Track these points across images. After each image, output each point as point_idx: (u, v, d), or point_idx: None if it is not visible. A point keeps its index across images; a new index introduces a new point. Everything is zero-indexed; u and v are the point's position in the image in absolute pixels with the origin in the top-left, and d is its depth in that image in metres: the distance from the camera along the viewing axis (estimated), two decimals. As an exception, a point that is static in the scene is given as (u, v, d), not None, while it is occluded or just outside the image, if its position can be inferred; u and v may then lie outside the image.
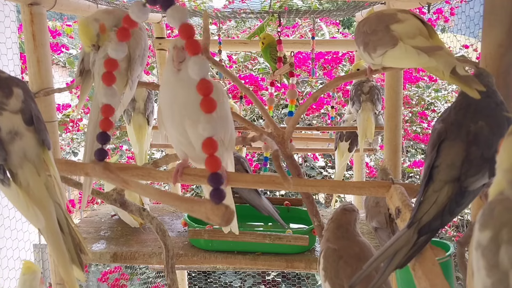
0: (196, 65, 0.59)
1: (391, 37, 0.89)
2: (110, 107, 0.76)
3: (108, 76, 0.74)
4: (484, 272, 0.48)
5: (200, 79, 0.59)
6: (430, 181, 0.76)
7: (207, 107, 0.59)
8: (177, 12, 0.58)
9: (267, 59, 2.30)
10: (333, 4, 2.24)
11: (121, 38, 0.72)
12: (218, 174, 0.59)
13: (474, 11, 2.20)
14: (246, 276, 3.85)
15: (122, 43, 0.73)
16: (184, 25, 0.58)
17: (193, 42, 0.58)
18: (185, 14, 0.58)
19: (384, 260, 0.74)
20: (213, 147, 0.60)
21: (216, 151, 0.60)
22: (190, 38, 0.58)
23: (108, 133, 0.76)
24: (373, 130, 2.09)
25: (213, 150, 0.60)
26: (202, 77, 0.59)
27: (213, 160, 0.60)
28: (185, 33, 0.58)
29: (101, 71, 1.05)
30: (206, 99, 0.59)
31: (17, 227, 2.08)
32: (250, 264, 1.61)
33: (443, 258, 1.07)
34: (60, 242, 0.84)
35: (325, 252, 1.04)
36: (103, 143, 0.76)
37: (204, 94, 0.59)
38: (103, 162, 0.78)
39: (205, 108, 0.59)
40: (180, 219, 1.91)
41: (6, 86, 0.84)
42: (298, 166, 1.21)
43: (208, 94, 0.59)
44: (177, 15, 0.58)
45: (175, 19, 0.58)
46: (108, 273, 3.30)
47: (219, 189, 0.59)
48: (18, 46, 2.13)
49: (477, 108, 0.78)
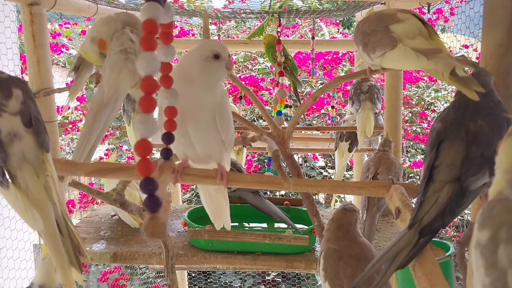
0: (144, 61, 0.55)
1: (390, 38, 0.89)
2: (173, 108, 0.77)
3: (166, 79, 0.75)
4: (483, 271, 0.49)
5: (146, 75, 0.56)
6: (430, 181, 0.76)
7: (145, 106, 0.55)
8: (149, 7, 0.57)
9: (270, 59, 2.30)
10: (333, 4, 2.25)
11: (165, 42, 0.71)
12: (152, 180, 0.54)
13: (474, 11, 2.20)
14: (246, 276, 3.85)
15: (169, 46, 0.73)
16: (147, 20, 0.56)
17: (148, 38, 0.55)
18: (155, 10, 0.56)
19: (385, 261, 0.74)
20: (146, 149, 0.55)
21: (149, 154, 0.55)
22: (148, 34, 0.55)
23: (173, 133, 0.79)
24: (372, 127, 2.09)
25: (146, 153, 0.55)
26: (148, 74, 0.56)
27: (146, 163, 0.54)
28: (144, 27, 0.56)
29: (116, 67, 1.08)
30: (147, 98, 0.55)
31: (17, 227, 2.08)
32: (250, 264, 1.61)
33: (443, 258, 1.07)
34: (58, 244, 0.84)
35: (325, 252, 1.04)
36: (169, 143, 0.79)
37: (146, 91, 0.55)
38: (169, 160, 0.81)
39: (143, 107, 0.55)
40: (180, 219, 1.91)
41: (6, 87, 0.84)
42: (298, 166, 1.21)
43: (150, 92, 0.55)
44: (147, 9, 0.57)
45: (145, 12, 0.57)
46: (108, 273, 3.30)
47: (153, 197, 0.53)
48: (18, 46, 2.13)
49: (476, 107, 0.78)
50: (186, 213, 1.78)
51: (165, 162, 0.81)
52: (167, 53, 0.73)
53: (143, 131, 0.54)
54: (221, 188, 1.02)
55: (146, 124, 0.54)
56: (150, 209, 0.53)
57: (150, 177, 0.54)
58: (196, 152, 0.91)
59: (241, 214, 1.83)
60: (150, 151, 0.55)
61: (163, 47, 0.73)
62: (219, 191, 1.04)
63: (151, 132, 0.54)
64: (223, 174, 0.87)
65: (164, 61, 0.75)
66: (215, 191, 1.04)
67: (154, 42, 0.55)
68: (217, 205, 1.08)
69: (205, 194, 1.06)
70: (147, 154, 0.54)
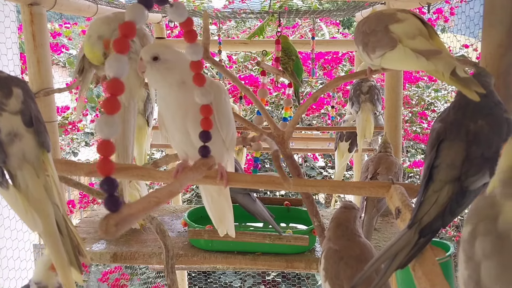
0: (114, 62, 0.55)
1: (390, 38, 0.89)
2: (209, 107, 0.80)
3: (199, 76, 0.77)
4: (463, 265, 0.50)
5: (112, 77, 0.55)
6: (430, 181, 0.76)
7: (109, 107, 0.54)
8: (132, 8, 0.56)
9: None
10: (333, 4, 2.24)
11: (189, 40, 0.72)
12: (111, 179, 0.55)
13: (474, 11, 2.20)
14: (246, 276, 3.85)
15: (195, 44, 0.74)
16: (125, 23, 0.55)
17: (122, 40, 0.55)
18: (137, 13, 0.56)
19: (385, 261, 0.74)
20: (109, 150, 0.54)
21: (111, 154, 0.55)
22: (123, 36, 0.55)
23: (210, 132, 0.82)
24: (372, 130, 2.08)
25: (108, 153, 0.54)
26: (115, 77, 0.55)
27: (107, 163, 0.54)
28: (121, 29, 0.55)
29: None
30: (111, 99, 0.54)
31: (17, 227, 2.08)
32: (250, 264, 1.61)
33: (443, 258, 1.07)
34: (58, 244, 0.84)
35: (326, 253, 1.04)
36: (206, 141, 0.82)
37: (111, 93, 0.54)
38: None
39: (107, 108, 0.54)
40: (180, 219, 1.91)
41: (6, 86, 0.84)
42: (298, 166, 1.21)
43: (115, 94, 0.55)
44: (130, 11, 0.56)
45: (127, 14, 0.56)
46: (109, 273, 3.30)
47: (113, 196, 0.54)
48: (18, 46, 2.13)
49: (476, 107, 0.78)
50: (186, 213, 1.78)
51: (202, 159, 0.84)
52: (193, 51, 0.74)
53: (106, 132, 0.54)
54: (223, 190, 1.01)
55: (109, 126, 0.54)
56: (109, 208, 0.54)
57: (110, 177, 0.54)
58: (196, 152, 0.91)
59: (241, 214, 1.82)
60: (112, 151, 0.55)
61: (189, 45, 0.73)
62: (221, 194, 1.03)
63: (114, 133, 0.54)
64: (223, 174, 0.87)
65: (193, 59, 0.75)
66: (217, 194, 1.03)
67: (127, 45, 0.55)
68: (219, 208, 1.06)
69: (207, 196, 1.05)
70: (109, 155, 0.55)
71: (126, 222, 0.55)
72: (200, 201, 4.04)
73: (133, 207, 0.58)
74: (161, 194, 0.66)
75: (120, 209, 0.55)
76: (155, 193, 0.66)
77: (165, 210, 2.08)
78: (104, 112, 0.55)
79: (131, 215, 0.57)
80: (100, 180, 0.55)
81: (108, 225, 0.53)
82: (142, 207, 0.61)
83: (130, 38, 0.55)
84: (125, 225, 0.55)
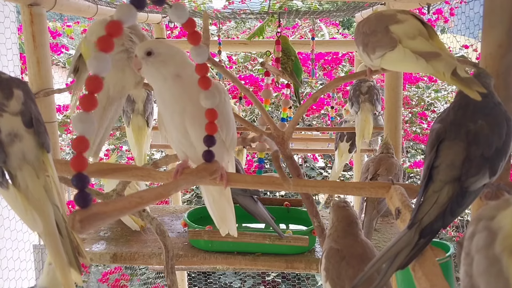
0: (96, 60, 0.55)
1: (390, 39, 0.89)
2: (214, 111, 0.79)
3: (205, 79, 0.76)
4: (462, 262, 0.53)
5: (92, 75, 0.55)
6: (430, 181, 0.76)
7: (86, 104, 0.55)
8: (121, 8, 0.56)
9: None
10: (333, 5, 2.24)
11: (192, 42, 0.72)
12: (83, 175, 0.55)
13: (474, 11, 2.20)
14: (246, 277, 3.85)
15: (199, 46, 0.73)
16: (112, 21, 0.56)
17: (106, 39, 0.55)
18: (125, 13, 0.56)
19: (385, 261, 0.74)
20: (83, 146, 0.55)
21: (85, 150, 0.56)
22: (108, 35, 0.55)
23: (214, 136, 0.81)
24: (371, 131, 2.08)
25: (82, 149, 0.55)
26: (95, 74, 0.55)
27: (80, 159, 0.55)
28: (107, 27, 0.55)
29: (120, 66, 1.11)
30: (89, 97, 0.55)
31: (16, 227, 2.08)
32: (250, 265, 1.61)
33: (443, 259, 1.07)
34: (58, 245, 0.84)
35: (327, 252, 1.03)
36: (211, 146, 0.82)
37: (89, 90, 0.55)
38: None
39: (84, 105, 0.55)
40: (180, 219, 1.90)
41: (7, 88, 0.84)
42: (298, 166, 1.21)
43: (93, 92, 0.55)
44: (119, 10, 0.56)
45: (116, 13, 0.56)
46: (109, 274, 3.30)
47: (83, 192, 0.54)
48: (18, 47, 2.13)
49: (476, 107, 0.78)
50: (186, 214, 1.78)
51: (204, 164, 0.83)
52: (198, 53, 0.73)
53: (81, 129, 0.54)
54: (224, 191, 1.01)
55: (85, 123, 0.55)
56: (78, 204, 0.55)
57: (82, 173, 0.55)
58: (196, 152, 0.90)
59: (241, 215, 1.82)
60: (87, 148, 0.55)
61: (193, 48, 0.72)
62: (222, 194, 1.02)
63: (89, 130, 0.55)
64: (223, 175, 0.87)
65: (198, 62, 0.74)
66: (219, 194, 1.03)
67: (111, 44, 0.55)
68: (221, 208, 1.06)
69: (209, 197, 1.04)
70: (83, 151, 0.55)
71: (95, 219, 0.55)
72: (200, 202, 4.04)
73: (110, 206, 0.58)
74: (147, 194, 0.65)
75: (89, 205, 0.55)
76: (142, 193, 0.64)
77: (165, 210, 2.08)
78: (81, 109, 0.55)
79: (104, 213, 0.56)
80: (72, 176, 0.55)
81: (74, 221, 0.53)
82: (120, 206, 0.60)
83: (115, 37, 0.55)
84: (94, 222, 0.55)
